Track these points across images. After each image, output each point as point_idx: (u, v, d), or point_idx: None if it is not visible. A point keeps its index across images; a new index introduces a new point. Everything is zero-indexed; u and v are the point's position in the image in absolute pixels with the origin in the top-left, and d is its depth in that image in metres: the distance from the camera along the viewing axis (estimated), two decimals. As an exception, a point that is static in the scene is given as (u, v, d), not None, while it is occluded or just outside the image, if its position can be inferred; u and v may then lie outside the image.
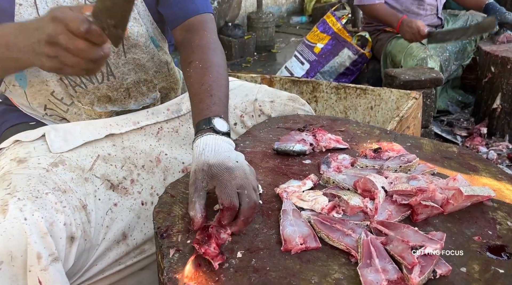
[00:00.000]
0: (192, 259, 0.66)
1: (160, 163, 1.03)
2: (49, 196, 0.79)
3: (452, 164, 0.93)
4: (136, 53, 1.04)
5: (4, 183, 0.79)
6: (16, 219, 0.73)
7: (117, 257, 0.93)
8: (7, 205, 0.74)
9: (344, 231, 0.70)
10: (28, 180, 0.80)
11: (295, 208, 0.77)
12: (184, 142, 1.08)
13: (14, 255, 0.72)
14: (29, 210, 0.74)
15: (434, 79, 2.15)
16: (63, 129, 0.95)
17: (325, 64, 2.70)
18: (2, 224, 0.72)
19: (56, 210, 0.78)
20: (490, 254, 0.67)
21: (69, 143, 0.92)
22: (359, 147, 1.01)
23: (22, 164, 0.85)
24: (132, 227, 0.96)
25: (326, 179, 0.86)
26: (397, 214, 0.75)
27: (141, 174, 1.00)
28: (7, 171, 0.83)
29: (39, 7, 0.91)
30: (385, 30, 2.68)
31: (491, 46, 2.50)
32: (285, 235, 0.70)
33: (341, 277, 0.63)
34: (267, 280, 0.63)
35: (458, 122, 2.67)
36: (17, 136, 0.93)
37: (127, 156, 0.99)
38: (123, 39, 0.91)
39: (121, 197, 0.96)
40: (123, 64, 1.03)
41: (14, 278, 0.74)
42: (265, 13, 4.63)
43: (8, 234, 0.72)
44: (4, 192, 0.77)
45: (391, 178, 0.81)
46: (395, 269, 0.63)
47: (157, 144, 1.04)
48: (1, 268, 0.72)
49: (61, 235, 0.77)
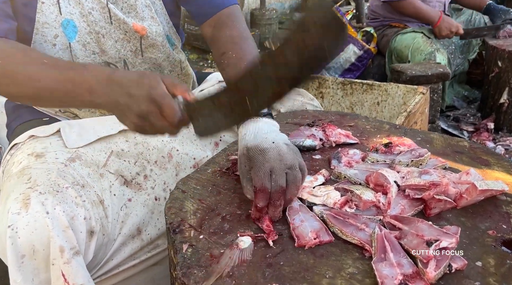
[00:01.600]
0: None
1: (172, 158, 1.03)
2: (69, 190, 0.79)
3: (464, 158, 0.93)
4: (153, 53, 1.04)
5: (24, 177, 0.80)
6: (39, 213, 0.73)
7: (132, 251, 0.94)
8: (29, 199, 0.74)
9: (357, 226, 0.69)
10: (48, 175, 0.80)
11: (301, 203, 0.77)
12: (195, 138, 1.08)
13: (37, 248, 0.73)
14: (51, 204, 0.75)
15: (441, 74, 2.13)
16: (78, 125, 0.95)
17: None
18: (25, 218, 0.73)
19: (76, 204, 0.79)
20: (505, 248, 0.67)
21: (83, 138, 0.93)
22: (369, 142, 1.00)
23: (40, 158, 0.86)
24: (146, 222, 0.96)
25: (337, 174, 0.85)
26: (410, 209, 0.75)
27: (154, 169, 1.00)
28: (26, 166, 0.84)
29: (61, 5, 0.91)
30: (391, 25, 2.66)
31: (497, 41, 2.48)
32: (297, 232, 0.70)
33: (355, 272, 0.63)
34: (281, 274, 0.63)
35: (465, 118, 2.66)
36: (32, 131, 0.94)
37: (140, 152, 0.99)
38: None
39: (135, 193, 0.96)
40: (140, 63, 1.04)
41: (36, 271, 0.75)
42: (268, 9, 4.61)
43: (31, 228, 0.73)
44: (25, 186, 0.77)
45: (403, 173, 0.81)
46: (410, 264, 0.62)
47: (168, 139, 1.04)
48: (23, 261, 0.73)
49: (81, 229, 0.78)
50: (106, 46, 0.98)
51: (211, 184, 0.85)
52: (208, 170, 0.90)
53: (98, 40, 0.97)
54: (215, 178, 0.87)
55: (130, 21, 0.98)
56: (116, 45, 0.99)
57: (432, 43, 2.46)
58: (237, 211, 0.77)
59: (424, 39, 2.48)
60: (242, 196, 0.80)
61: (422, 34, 2.51)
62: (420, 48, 2.44)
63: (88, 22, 0.94)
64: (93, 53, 0.97)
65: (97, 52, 0.97)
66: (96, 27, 0.95)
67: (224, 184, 0.85)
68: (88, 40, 0.96)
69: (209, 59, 4.03)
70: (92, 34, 0.96)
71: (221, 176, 0.87)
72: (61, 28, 0.92)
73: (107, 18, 0.95)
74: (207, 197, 0.81)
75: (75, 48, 0.95)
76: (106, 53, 0.99)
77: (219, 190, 0.83)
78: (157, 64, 1.06)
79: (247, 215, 0.76)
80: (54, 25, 0.92)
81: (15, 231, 0.72)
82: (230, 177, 0.87)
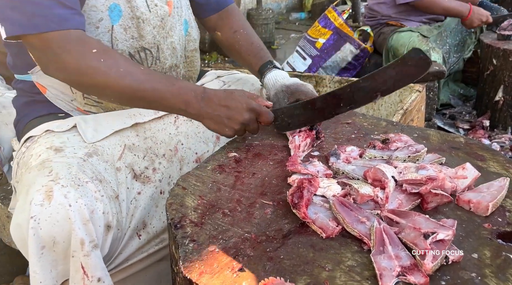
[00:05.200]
0: None
1: (177, 152, 1.06)
2: (89, 184, 0.81)
3: (460, 154, 0.94)
4: (173, 37, 1.10)
5: (45, 170, 0.81)
6: (61, 205, 0.75)
7: (140, 245, 0.95)
8: (51, 191, 0.76)
9: (359, 218, 0.71)
10: (68, 168, 0.82)
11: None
12: (198, 130, 1.11)
13: (57, 240, 0.75)
14: (73, 197, 0.76)
15: (436, 72, 2.15)
16: (92, 120, 0.97)
17: (327, 59, 2.70)
18: (48, 210, 0.74)
19: (96, 198, 0.80)
20: (501, 241, 0.68)
21: (99, 133, 0.95)
22: (367, 138, 1.02)
23: (59, 152, 0.87)
24: (152, 215, 0.98)
25: (336, 170, 0.86)
26: (407, 203, 0.76)
27: (162, 162, 1.03)
28: (46, 159, 0.85)
29: None
30: (388, 23, 2.68)
31: (492, 39, 2.50)
32: (319, 224, 0.71)
33: (355, 265, 0.64)
34: (282, 268, 0.64)
35: (460, 115, 2.68)
36: (48, 126, 0.95)
37: (149, 146, 1.02)
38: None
39: (144, 186, 0.98)
40: (166, 49, 1.08)
41: (54, 263, 0.76)
42: (265, 9, 4.62)
43: (53, 220, 0.74)
44: (47, 178, 0.78)
45: (400, 168, 0.82)
46: (408, 256, 0.63)
47: (176, 132, 1.08)
48: (43, 253, 0.75)
49: (100, 223, 0.80)
50: (145, 31, 1.02)
51: (211, 180, 0.86)
52: (208, 167, 0.91)
53: (138, 25, 1.01)
54: (215, 175, 0.88)
55: (163, 3, 1.05)
56: (153, 31, 1.04)
57: (427, 42, 2.48)
58: (237, 207, 0.78)
59: (420, 38, 2.49)
60: (242, 192, 0.82)
61: (418, 33, 2.54)
62: (416, 47, 2.45)
63: (132, 8, 0.99)
64: (132, 38, 1.01)
65: (135, 37, 1.01)
66: (138, 12, 0.99)
67: (224, 181, 0.86)
68: (129, 24, 1.00)
69: (206, 59, 4.04)
70: (134, 19, 1.00)
71: (220, 173, 0.88)
72: (107, 11, 0.96)
73: (146, 5, 1.01)
74: (207, 193, 0.82)
75: (117, 31, 0.98)
76: (144, 39, 1.02)
77: (219, 186, 0.84)
78: (176, 49, 1.11)
79: (247, 211, 0.77)
80: (101, 9, 0.95)
81: (37, 222, 0.74)
82: (229, 174, 0.88)
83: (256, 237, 0.70)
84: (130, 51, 1.01)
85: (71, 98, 1.03)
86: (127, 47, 1.00)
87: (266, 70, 1.11)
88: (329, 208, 0.74)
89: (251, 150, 0.97)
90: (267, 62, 1.12)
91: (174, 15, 1.08)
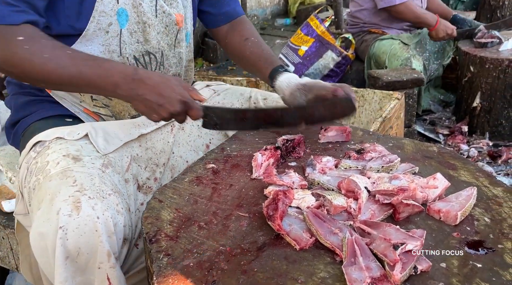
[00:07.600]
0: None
1: (169, 161, 1.08)
2: (111, 197, 0.82)
3: (433, 163, 0.96)
4: (182, 47, 1.14)
5: (68, 179, 0.81)
6: (89, 217, 0.75)
7: (138, 254, 0.96)
8: (79, 203, 0.76)
9: (332, 230, 0.72)
10: (91, 180, 0.83)
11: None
12: (190, 139, 1.14)
13: (81, 251, 0.75)
14: (100, 209, 0.77)
15: (415, 79, 2.20)
16: (101, 130, 0.97)
17: (309, 66, 2.73)
18: (76, 221, 0.75)
19: (118, 211, 0.81)
20: (469, 249, 0.70)
21: (110, 144, 0.96)
22: (343, 148, 1.03)
23: (78, 162, 0.87)
24: None
25: (311, 180, 0.88)
26: (380, 213, 0.78)
27: (162, 171, 1.06)
28: (66, 167, 0.85)
29: None
30: (370, 31, 2.73)
31: (469, 47, 2.56)
32: (293, 236, 0.72)
33: (327, 276, 0.65)
34: (255, 281, 0.65)
35: (440, 121, 2.74)
36: (59, 133, 0.94)
37: (149, 157, 1.04)
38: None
39: (146, 196, 1.00)
40: (172, 57, 1.12)
41: (73, 274, 0.77)
42: (250, 15, 4.66)
43: (80, 231, 0.75)
44: (73, 189, 0.79)
45: (373, 178, 0.84)
46: (378, 267, 0.65)
47: (172, 140, 1.10)
48: (66, 263, 0.75)
49: (120, 235, 0.81)
50: (150, 36, 1.05)
51: (188, 193, 0.86)
52: (186, 179, 0.91)
53: (144, 30, 1.04)
54: (192, 187, 0.88)
55: (173, 12, 1.08)
56: (157, 37, 1.07)
57: (408, 49, 2.54)
58: (213, 220, 0.78)
59: (400, 46, 2.55)
60: (219, 205, 0.82)
61: (399, 41, 2.59)
62: (397, 54, 2.51)
63: (138, 13, 1.02)
64: (137, 42, 1.04)
65: (141, 41, 1.05)
66: (144, 17, 1.03)
67: (201, 193, 0.86)
68: (135, 29, 1.03)
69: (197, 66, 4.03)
70: (140, 24, 1.03)
71: (198, 185, 0.89)
72: (116, 16, 0.98)
73: (153, 11, 1.04)
74: (183, 206, 0.82)
75: (125, 35, 1.01)
76: (149, 43, 1.06)
77: (196, 199, 0.84)
78: (181, 59, 1.15)
79: (223, 224, 0.77)
80: (110, 14, 0.98)
81: (64, 233, 0.74)
82: (207, 186, 0.88)
83: (231, 250, 0.71)
84: (135, 54, 1.04)
85: (80, 100, 1.04)
86: (133, 50, 1.04)
87: (277, 73, 1.15)
88: (303, 219, 0.76)
89: (229, 161, 0.98)
90: (278, 66, 1.17)
91: (183, 28, 1.12)
